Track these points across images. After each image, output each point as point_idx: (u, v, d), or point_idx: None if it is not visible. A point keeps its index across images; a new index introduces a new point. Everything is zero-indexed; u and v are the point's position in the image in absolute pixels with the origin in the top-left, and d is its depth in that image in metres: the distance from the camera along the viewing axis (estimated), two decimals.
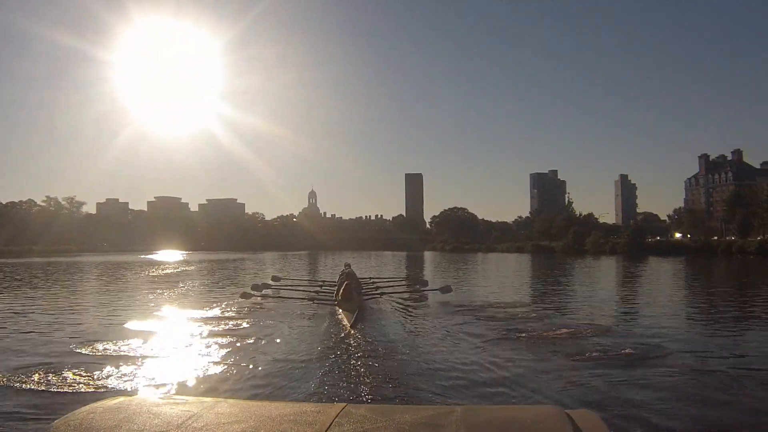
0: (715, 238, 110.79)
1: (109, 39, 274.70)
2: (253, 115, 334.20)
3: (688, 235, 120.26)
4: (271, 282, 28.44)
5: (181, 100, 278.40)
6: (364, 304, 19.88)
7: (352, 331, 14.84)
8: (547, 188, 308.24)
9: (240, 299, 21.92)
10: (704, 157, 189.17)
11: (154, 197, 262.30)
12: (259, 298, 22.54)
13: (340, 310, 17.57)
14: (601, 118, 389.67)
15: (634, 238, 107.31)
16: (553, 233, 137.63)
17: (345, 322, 16.01)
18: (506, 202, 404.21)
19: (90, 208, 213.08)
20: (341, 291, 18.96)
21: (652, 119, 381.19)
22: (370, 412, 2.70)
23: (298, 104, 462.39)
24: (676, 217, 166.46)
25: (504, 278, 44.05)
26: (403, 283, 28.89)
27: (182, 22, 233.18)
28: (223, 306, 21.71)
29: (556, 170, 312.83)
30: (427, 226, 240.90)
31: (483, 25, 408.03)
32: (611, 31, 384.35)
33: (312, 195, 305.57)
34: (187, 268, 60.91)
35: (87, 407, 2.81)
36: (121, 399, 2.99)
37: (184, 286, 34.28)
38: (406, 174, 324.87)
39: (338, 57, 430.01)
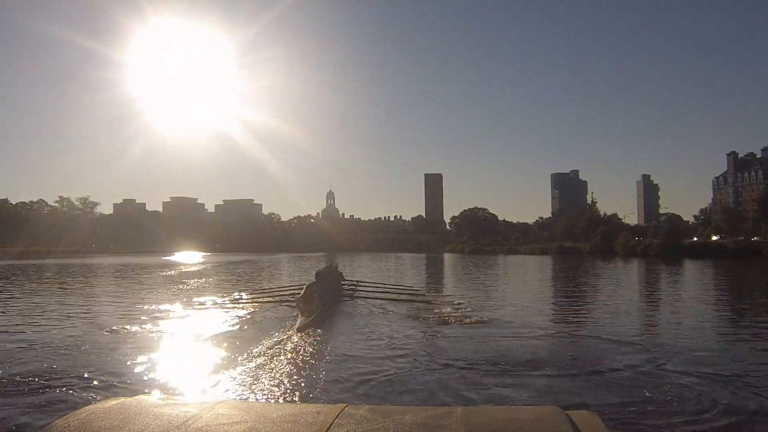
0: (755, 239, 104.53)
1: (126, 41, 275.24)
2: (270, 115, 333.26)
3: (717, 237, 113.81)
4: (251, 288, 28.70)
5: (198, 101, 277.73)
6: (332, 307, 20.02)
7: (296, 334, 15.01)
8: (569, 189, 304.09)
9: (219, 303, 22.79)
10: (732, 155, 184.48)
11: (170, 197, 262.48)
12: (234, 302, 22.97)
13: (298, 313, 17.60)
14: (623, 118, 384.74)
15: (670, 239, 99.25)
16: (577, 234, 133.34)
17: (296, 324, 16.20)
18: (527, 203, 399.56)
19: (107, 209, 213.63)
20: (302, 293, 18.96)
21: (675, 118, 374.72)
22: (370, 413, 2.71)
23: (316, 105, 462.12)
24: (702, 217, 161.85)
25: (527, 284, 40.76)
26: (387, 286, 28.06)
27: (197, 25, 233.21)
28: (202, 312, 21.46)
29: (578, 170, 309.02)
30: (447, 226, 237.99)
31: (503, 25, 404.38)
32: (633, 29, 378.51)
33: (330, 195, 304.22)
34: (198, 269, 59.33)
35: (87, 407, 2.81)
36: (121, 399, 2.99)
37: (183, 289, 33.45)
38: (425, 174, 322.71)
39: (356, 58, 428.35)
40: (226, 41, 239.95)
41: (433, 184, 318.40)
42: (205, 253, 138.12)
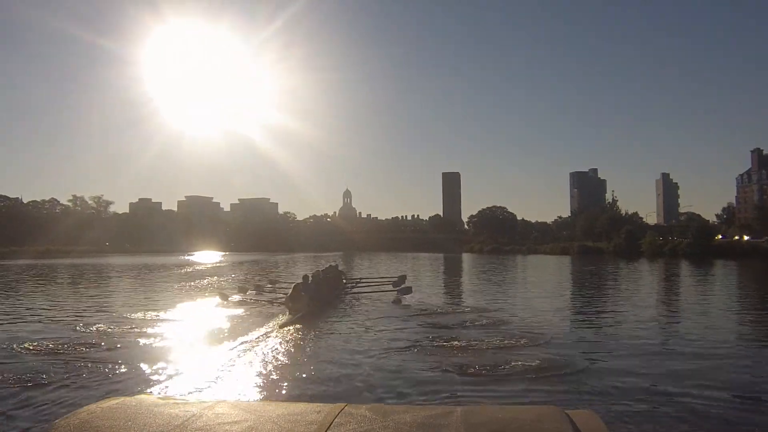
0: None
1: (142, 41, 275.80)
2: (287, 115, 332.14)
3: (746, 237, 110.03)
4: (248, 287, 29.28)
5: (213, 101, 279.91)
6: (324, 306, 20.34)
7: (278, 332, 15.53)
8: (588, 187, 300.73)
9: (212, 303, 23.12)
10: (757, 152, 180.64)
11: (185, 197, 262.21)
12: (228, 301, 23.31)
13: (287, 311, 18.35)
14: (642, 116, 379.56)
15: (700, 239, 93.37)
16: (597, 233, 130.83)
17: (276, 322, 16.81)
18: (545, 202, 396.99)
19: (123, 209, 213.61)
20: (290, 292, 19.36)
21: (694, 116, 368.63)
22: (371, 413, 2.73)
23: (333, 104, 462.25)
24: (725, 216, 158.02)
25: (548, 287, 38.38)
26: (387, 285, 28.20)
27: (213, 26, 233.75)
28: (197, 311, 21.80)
29: (596, 169, 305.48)
30: (465, 226, 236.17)
31: (520, 24, 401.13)
32: (652, 27, 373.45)
33: (347, 195, 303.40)
34: (207, 269, 57.88)
35: (87, 407, 2.82)
36: (121, 399, 3.01)
37: (181, 289, 33.75)
38: (443, 173, 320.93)
39: (373, 56, 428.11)
40: (242, 42, 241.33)
41: (451, 183, 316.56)
42: (223, 253, 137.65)
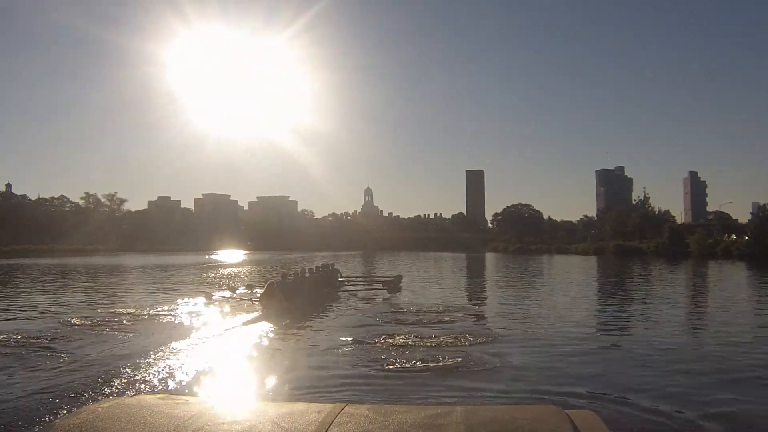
0: None
1: (167, 40, 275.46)
2: (308, 114, 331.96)
3: None
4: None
5: (236, 101, 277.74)
6: (303, 305, 20.13)
7: (243, 329, 15.96)
8: (614, 186, 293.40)
9: (197, 302, 23.05)
10: None
11: (202, 194, 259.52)
12: (209, 300, 23.37)
13: (260, 308, 18.78)
14: (669, 112, 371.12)
15: (762, 237, 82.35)
16: (629, 232, 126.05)
17: (244, 319, 17.21)
18: (570, 201, 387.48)
19: (141, 206, 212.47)
20: (263, 291, 19.59)
21: (723, 113, 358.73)
22: (371, 413, 2.76)
23: (354, 102, 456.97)
24: (761, 214, 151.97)
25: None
26: (380, 284, 27.91)
27: (237, 26, 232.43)
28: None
29: (623, 167, 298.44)
30: (489, 224, 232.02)
31: (544, 22, 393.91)
32: (676, 22, 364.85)
33: (368, 192, 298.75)
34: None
35: (87, 407, 2.87)
36: (121, 399, 3.07)
37: (168, 289, 33.19)
38: (466, 170, 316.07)
39: (395, 55, 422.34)
40: (263, 43, 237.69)
41: (475, 181, 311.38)
42: (246, 252, 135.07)
